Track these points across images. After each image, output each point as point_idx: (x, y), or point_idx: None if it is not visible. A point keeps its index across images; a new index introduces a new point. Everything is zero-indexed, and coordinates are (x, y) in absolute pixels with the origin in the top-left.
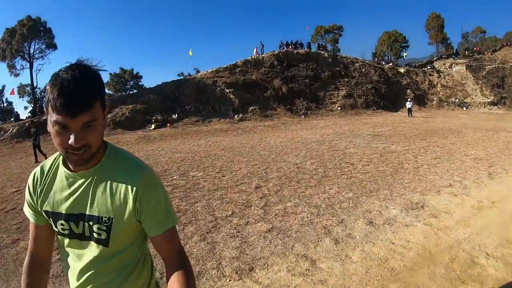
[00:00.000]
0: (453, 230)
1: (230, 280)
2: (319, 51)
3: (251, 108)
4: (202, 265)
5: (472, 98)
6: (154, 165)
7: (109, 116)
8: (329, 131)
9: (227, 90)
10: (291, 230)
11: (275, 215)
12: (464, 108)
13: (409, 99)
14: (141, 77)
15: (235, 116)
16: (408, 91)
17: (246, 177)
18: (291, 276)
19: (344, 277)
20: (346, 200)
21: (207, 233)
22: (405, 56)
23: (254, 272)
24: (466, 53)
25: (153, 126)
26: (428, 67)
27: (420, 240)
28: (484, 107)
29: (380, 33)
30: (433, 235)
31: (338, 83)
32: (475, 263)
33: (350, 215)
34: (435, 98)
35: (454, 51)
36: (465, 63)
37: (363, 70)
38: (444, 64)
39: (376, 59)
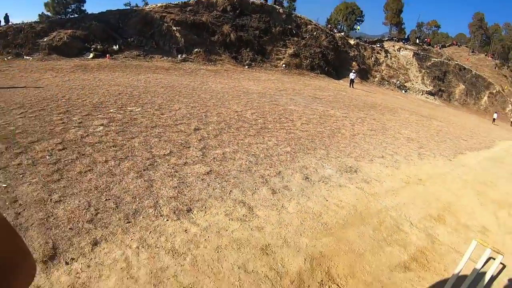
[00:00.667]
0: (383, 197)
1: (167, 220)
2: (274, 6)
3: (196, 50)
4: (139, 202)
5: (413, 84)
6: (90, 96)
7: (45, 40)
8: (271, 85)
9: (174, 28)
10: (229, 175)
11: (214, 158)
12: (403, 91)
13: (353, 71)
14: (84, 1)
15: (179, 56)
16: (354, 63)
17: (186, 118)
18: (229, 220)
19: (280, 226)
20: (284, 153)
21: (144, 170)
22: (358, 29)
23: (192, 213)
24: (417, 41)
25: (91, 55)
26: (378, 45)
27: (352, 201)
28: (422, 95)
29: (339, 2)
30: (364, 198)
31: (287, 41)
32: (400, 230)
33: (287, 168)
34: (377, 75)
35: (406, 37)
36: (413, 50)
37: (315, 33)
38: (393, 46)
39: (329, 25)
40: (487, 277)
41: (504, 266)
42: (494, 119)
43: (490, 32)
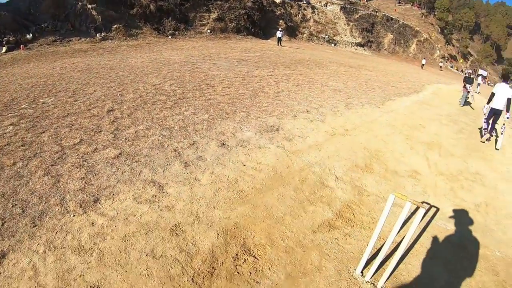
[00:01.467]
0: (305, 153)
1: (74, 216)
2: None
3: (115, 26)
4: (45, 202)
5: (342, 37)
6: (1, 95)
7: None
8: (195, 52)
9: (89, 6)
10: (140, 155)
11: (125, 139)
12: (333, 45)
13: (280, 29)
14: None
15: (97, 35)
16: (281, 21)
17: (100, 100)
18: (137, 204)
19: (192, 202)
20: (201, 122)
21: (52, 165)
22: None
23: (99, 203)
24: None
25: (4, 49)
26: (304, 2)
27: (271, 162)
28: (351, 47)
29: None
30: (285, 157)
31: (210, 6)
32: (325, 185)
33: (203, 137)
34: (306, 32)
35: None
36: (340, 4)
37: None
38: (320, 2)
39: None
40: (411, 230)
41: (437, 209)
42: (422, 64)
43: None
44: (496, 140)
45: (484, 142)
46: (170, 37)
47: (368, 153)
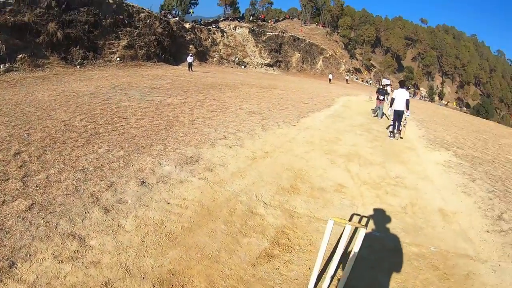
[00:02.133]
0: (229, 182)
1: None
2: None
3: (20, 56)
4: None
5: (251, 59)
6: None
7: None
8: (105, 83)
9: None
10: (55, 204)
11: (36, 187)
12: (243, 67)
13: (190, 54)
14: None
15: (1, 66)
16: (191, 46)
17: (5, 142)
18: (59, 263)
19: (119, 253)
20: (117, 159)
21: None
22: (193, 12)
23: (16, 267)
24: (251, 19)
25: None
26: (214, 26)
27: (196, 196)
28: (261, 68)
29: None
30: (209, 189)
31: (120, 32)
32: (254, 214)
33: (120, 177)
34: (216, 55)
35: (241, 15)
36: (248, 27)
37: (148, 21)
38: (229, 25)
39: (163, 11)
40: (353, 252)
41: (368, 219)
42: (330, 79)
43: (319, 4)
44: (399, 132)
45: (397, 139)
46: (78, 66)
47: (291, 174)
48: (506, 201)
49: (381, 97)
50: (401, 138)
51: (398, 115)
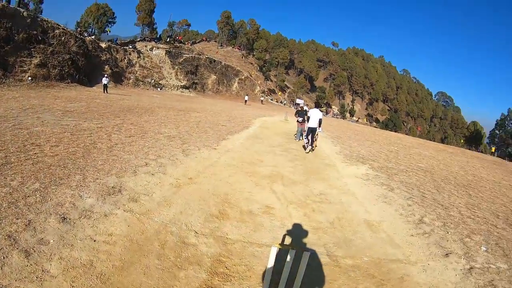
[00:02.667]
0: (157, 212)
1: None
2: (18, 8)
3: None
4: None
5: (167, 81)
6: None
7: None
8: (15, 104)
9: None
10: None
11: None
12: (159, 89)
13: (106, 75)
14: None
15: None
16: (106, 67)
17: None
18: None
19: None
20: (33, 192)
21: None
22: (109, 31)
23: None
24: (168, 40)
25: None
26: (130, 47)
27: (124, 230)
28: (177, 90)
29: (90, 3)
30: (136, 222)
31: (32, 49)
32: (187, 244)
33: (39, 213)
34: (132, 77)
35: (158, 36)
36: (165, 48)
37: (63, 38)
38: (145, 46)
39: (79, 29)
40: (299, 275)
41: (301, 239)
42: (246, 101)
43: (236, 27)
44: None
45: (308, 152)
46: None
47: (218, 199)
48: (424, 206)
49: (300, 119)
50: (313, 149)
51: (311, 131)
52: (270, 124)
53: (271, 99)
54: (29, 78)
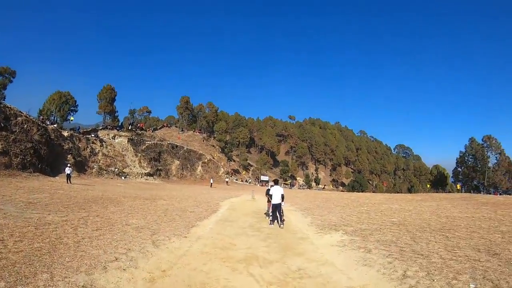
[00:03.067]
0: None
1: None
2: None
3: None
4: None
5: (131, 169)
6: None
7: None
8: None
9: None
10: None
11: None
12: (123, 178)
13: (69, 165)
14: None
15: None
16: (69, 156)
17: None
18: None
19: None
20: None
21: None
22: (72, 119)
23: None
24: (130, 128)
25: None
26: (92, 135)
27: None
28: (141, 177)
29: (52, 91)
30: None
31: None
32: None
33: None
34: (95, 166)
35: (120, 124)
36: (127, 136)
37: (25, 126)
38: (108, 134)
39: (41, 117)
40: None
41: None
42: (211, 183)
43: (195, 111)
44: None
45: (272, 225)
46: None
47: None
48: (405, 259)
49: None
50: (283, 223)
51: (276, 207)
52: (238, 204)
53: (236, 179)
54: None
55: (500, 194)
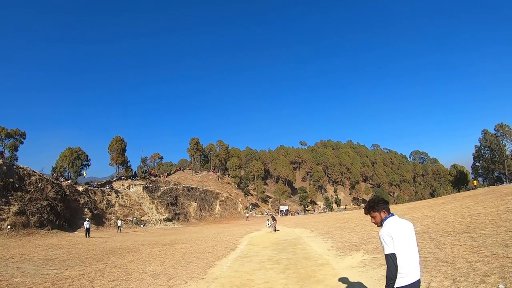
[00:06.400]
0: None
1: None
2: None
3: None
4: None
5: (149, 216)
6: None
7: None
8: None
9: None
10: None
11: None
12: (142, 226)
13: (87, 219)
14: None
15: None
16: (86, 210)
17: None
18: None
19: None
20: None
21: None
22: (85, 174)
23: None
24: (144, 176)
25: None
26: (107, 187)
27: None
28: (160, 224)
29: (64, 148)
30: None
31: (10, 197)
32: None
33: None
34: (113, 217)
35: (133, 173)
36: (142, 184)
37: (40, 185)
38: (122, 185)
39: (55, 174)
40: None
41: None
42: (247, 217)
43: (206, 151)
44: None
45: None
46: None
47: None
48: (428, 270)
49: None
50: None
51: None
52: (257, 238)
53: (256, 213)
54: (9, 226)
55: None
